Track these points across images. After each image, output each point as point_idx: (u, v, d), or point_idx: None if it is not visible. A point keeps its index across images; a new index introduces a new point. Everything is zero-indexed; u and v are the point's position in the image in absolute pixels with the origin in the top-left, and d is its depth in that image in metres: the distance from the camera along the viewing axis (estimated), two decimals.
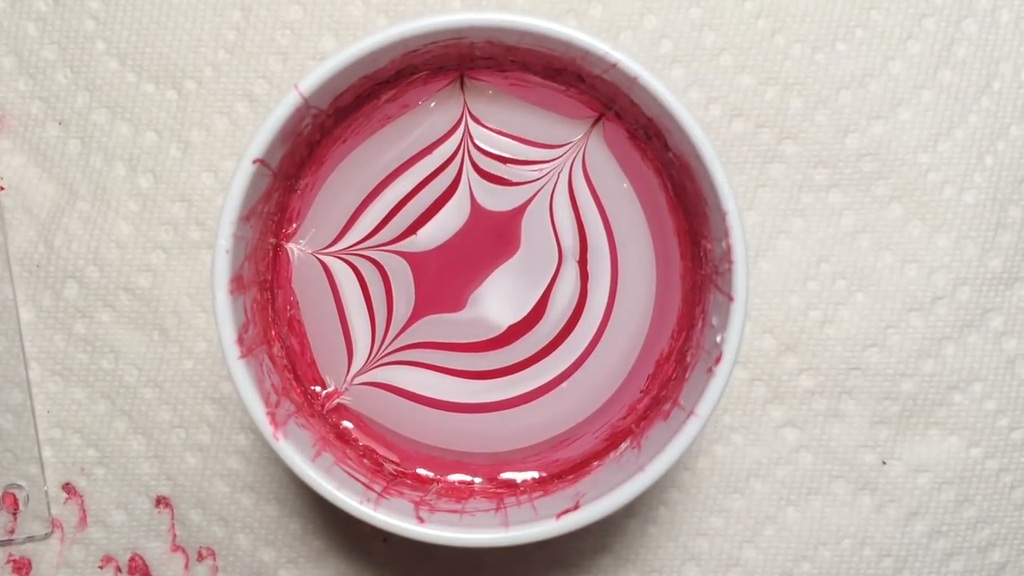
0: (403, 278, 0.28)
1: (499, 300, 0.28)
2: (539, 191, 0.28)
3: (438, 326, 0.28)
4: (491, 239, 0.28)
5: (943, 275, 0.33)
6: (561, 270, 0.28)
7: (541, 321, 0.28)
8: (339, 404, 0.28)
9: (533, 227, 0.28)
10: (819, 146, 0.33)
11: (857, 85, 0.33)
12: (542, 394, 0.28)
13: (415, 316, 0.28)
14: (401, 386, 0.28)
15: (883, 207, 0.33)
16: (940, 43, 0.33)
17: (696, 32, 0.33)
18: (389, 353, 0.28)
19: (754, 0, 0.33)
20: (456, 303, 0.28)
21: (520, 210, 0.28)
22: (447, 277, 0.28)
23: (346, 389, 0.28)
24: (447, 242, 0.28)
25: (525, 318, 0.28)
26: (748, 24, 0.33)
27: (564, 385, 0.28)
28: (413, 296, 0.28)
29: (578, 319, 0.28)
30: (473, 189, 0.28)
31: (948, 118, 0.33)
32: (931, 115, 0.33)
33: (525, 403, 0.28)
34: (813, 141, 0.33)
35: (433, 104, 0.28)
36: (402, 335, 0.28)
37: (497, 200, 0.28)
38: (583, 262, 0.28)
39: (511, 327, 0.28)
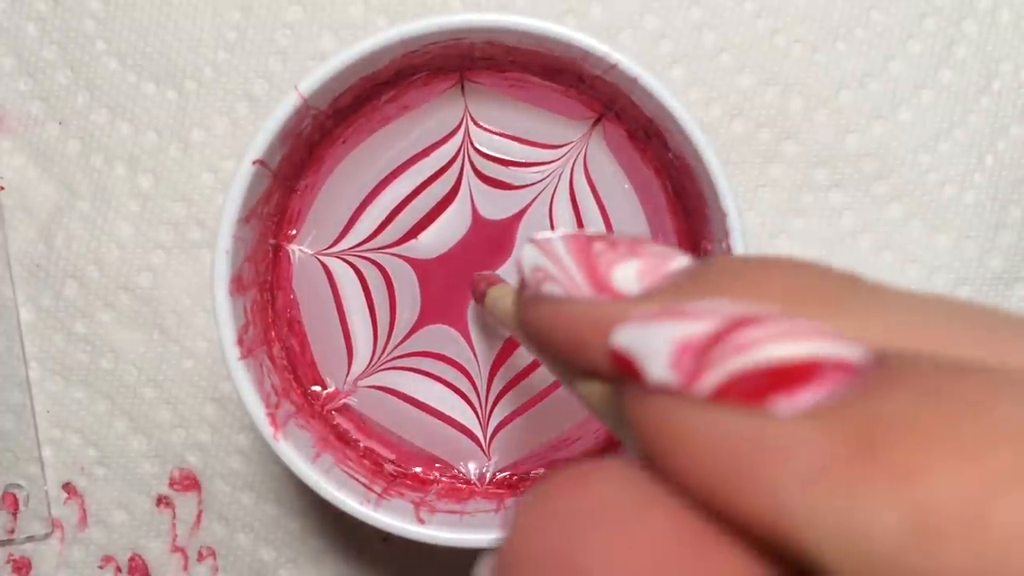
0: (407, 283, 0.28)
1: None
2: (539, 194, 0.28)
3: (441, 338, 0.28)
4: (488, 249, 0.28)
5: (943, 275, 0.33)
6: None
7: None
8: (340, 405, 0.28)
9: (530, 232, 0.28)
10: (819, 146, 0.33)
11: (857, 85, 0.33)
12: (542, 398, 0.28)
13: (420, 323, 0.28)
14: (403, 391, 0.28)
15: (883, 207, 0.33)
16: (940, 43, 0.33)
17: (696, 32, 0.33)
18: (393, 358, 0.28)
19: (754, 0, 0.33)
20: (457, 318, 0.28)
21: (518, 216, 0.28)
22: (450, 288, 0.28)
23: (348, 391, 0.28)
24: (449, 251, 0.28)
25: None
26: (748, 24, 0.33)
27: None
28: (419, 303, 0.28)
29: None
30: (474, 195, 0.28)
31: (948, 118, 0.33)
32: (931, 115, 0.33)
33: (526, 411, 0.28)
34: (813, 141, 0.33)
35: (433, 105, 0.28)
36: (406, 342, 0.28)
37: (497, 207, 0.28)
38: None
39: (510, 338, 0.28)
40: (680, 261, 0.12)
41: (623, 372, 0.11)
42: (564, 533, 0.10)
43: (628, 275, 0.12)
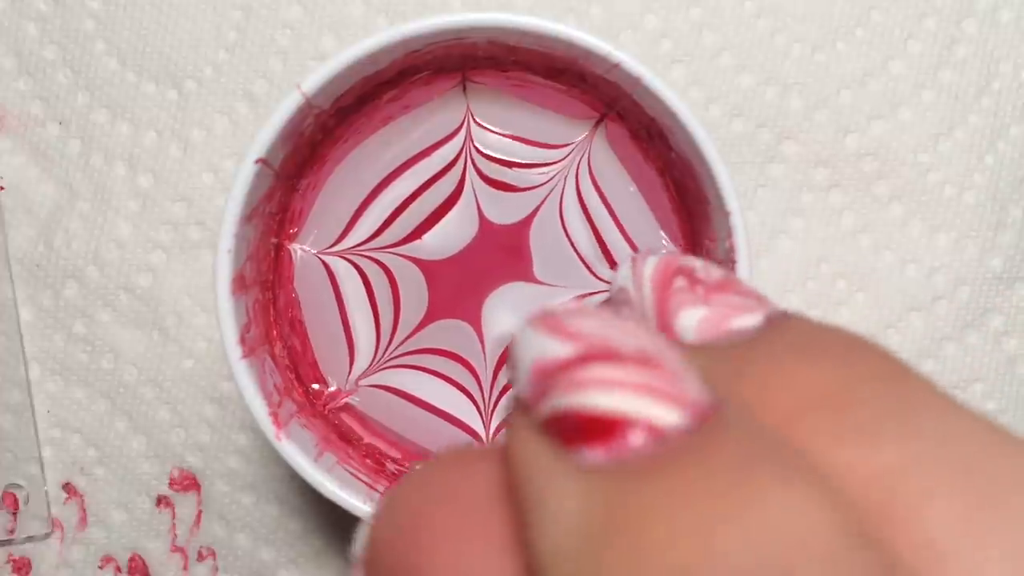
0: (413, 282, 0.28)
1: (509, 313, 0.28)
2: (546, 198, 0.28)
3: (449, 332, 0.28)
4: (502, 253, 0.28)
5: (943, 275, 0.33)
6: (592, 274, 0.28)
7: None
8: (342, 404, 0.28)
9: (544, 237, 0.28)
10: (819, 146, 0.33)
11: (857, 85, 0.33)
12: None
13: (426, 320, 0.28)
14: (406, 389, 0.28)
15: (883, 207, 0.33)
16: (940, 43, 0.34)
17: (696, 32, 0.33)
18: (396, 356, 0.28)
19: (754, 0, 0.33)
20: (469, 313, 0.28)
21: (527, 221, 0.28)
22: (462, 287, 0.28)
23: (350, 390, 0.28)
24: (458, 254, 0.28)
25: None
26: (748, 24, 0.33)
27: None
28: (426, 302, 0.28)
29: None
30: (478, 196, 0.28)
31: (948, 118, 0.34)
32: (931, 115, 0.33)
33: None
34: (813, 141, 0.33)
35: (435, 104, 0.28)
36: (410, 339, 0.28)
37: (502, 209, 0.28)
38: (612, 265, 0.28)
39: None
40: (748, 320, 0.12)
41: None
42: (414, 513, 0.11)
43: (690, 323, 0.12)
